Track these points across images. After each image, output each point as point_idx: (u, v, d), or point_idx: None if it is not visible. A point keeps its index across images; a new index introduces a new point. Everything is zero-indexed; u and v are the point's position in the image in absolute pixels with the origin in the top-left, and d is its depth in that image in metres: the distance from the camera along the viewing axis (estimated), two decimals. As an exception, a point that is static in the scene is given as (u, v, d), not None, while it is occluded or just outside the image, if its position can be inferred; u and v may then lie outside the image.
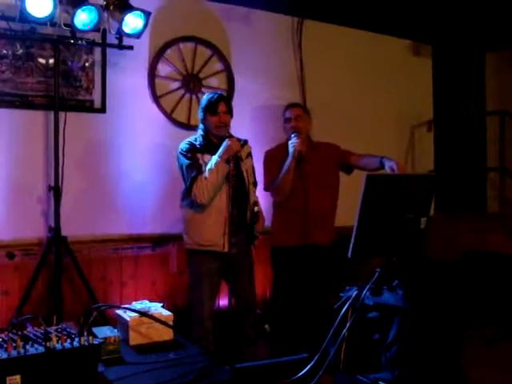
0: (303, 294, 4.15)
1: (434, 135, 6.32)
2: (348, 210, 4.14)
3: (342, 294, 2.54)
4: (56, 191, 4.03)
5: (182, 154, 3.70)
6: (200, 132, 3.78)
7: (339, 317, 2.44)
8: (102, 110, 4.50)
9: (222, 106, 3.72)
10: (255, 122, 5.14)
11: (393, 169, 3.61)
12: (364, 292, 2.44)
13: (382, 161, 3.75)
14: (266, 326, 4.75)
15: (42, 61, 4.28)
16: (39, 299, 4.17)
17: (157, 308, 2.55)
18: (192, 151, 3.69)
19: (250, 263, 3.83)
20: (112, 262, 4.50)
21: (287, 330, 4.14)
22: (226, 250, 3.65)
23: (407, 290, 2.39)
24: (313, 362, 2.32)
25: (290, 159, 3.96)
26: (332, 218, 4.17)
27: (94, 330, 2.34)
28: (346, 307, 2.45)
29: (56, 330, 2.18)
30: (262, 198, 4.59)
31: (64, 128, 4.04)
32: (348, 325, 2.41)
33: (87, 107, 4.46)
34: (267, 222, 4.41)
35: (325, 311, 4.07)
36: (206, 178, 3.56)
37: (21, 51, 4.21)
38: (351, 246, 2.43)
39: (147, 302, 2.61)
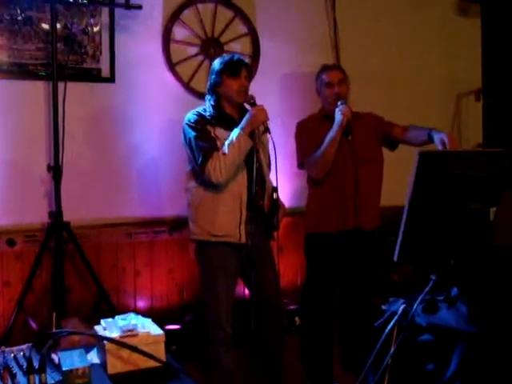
0: (341, 287, 3.49)
1: (483, 105, 5.49)
2: (390, 189, 3.59)
3: (384, 308, 1.86)
4: (56, 171, 3.44)
5: (189, 125, 3.00)
6: (210, 102, 3.08)
7: (381, 339, 1.76)
8: (111, 79, 3.85)
9: (243, 69, 3.06)
10: (283, 91, 4.43)
11: (443, 142, 2.89)
12: (414, 307, 1.75)
13: (431, 133, 3.03)
14: (297, 319, 4.12)
15: (44, 26, 3.66)
16: (43, 290, 3.64)
17: (145, 325, 1.90)
18: (202, 123, 2.99)
19: (270, 255, 3.18)
20: (124, 249, 3.90)
21: (320, 325, 3.49)
22: (243, 240, 2.99)
23: (472, 305, 1.70)
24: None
25: (336, 128, 3.23)
26: (378, 198, 3.47)
27: (61, 354, 1.73)
28: (390, 326, 1.77)
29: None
30: (291, 179, 4.05)
31: (64, 99, 3.44)
32: (393, 350, 1.74)
33: (94, 76, 3.81)
34: (300, 203, 3.83)
35: (368, 308, 3.45)
36: (224, 153, 2.88)
37: (20, 14, 3.59)
38: (398, 244, 1.74)
39: (133, 315, 1.96)
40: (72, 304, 3.66)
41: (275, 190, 3.05)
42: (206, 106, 3.07)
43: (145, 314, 3.83)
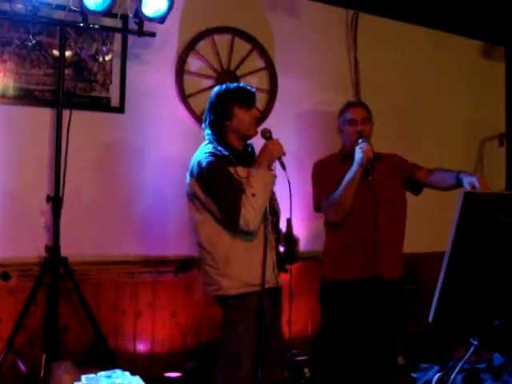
0: (358, 340, 3.18)
1: (506, 150, 5.28)
2: (409, 236, 3.32)
3: (414, 375, 1.57)
4: (55, 202, 3.19)
5: (209, 171, 2.59)
6: (214, 138, 2.71)
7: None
8: (120, 109, 3.64)
9: (254, 98, 2.79)
10: (299, 128, 4.21)
11: (473, 186, 2.66)
12: (452, 376, 1.46)
13: (460, 176, 2.81)
14: (306, 371, 3.79)
15: (54, 52, 3.46)
16: (36, 329, 3.35)
17: (132, 384, 1.62)
18: (223, 165, 2.62)
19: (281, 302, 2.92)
20: (126, 288, 3.62)
21: (334, 379, 3.18)
22: (280, 283, 2.77)
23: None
24: None
25: (355, 168, 3.00)
26: (400, 245, 3.20)
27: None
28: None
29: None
30: (305, 222, 3.87)
31: (68, 127, 3.22)
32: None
33: (103, 105, 3.59)
34: (313, 248, 3.69)
35: (381, 362, 3.15)
36: (253, 194, 2.53)
37: (30, 40, 3.41)
38: (434, 303, 1.46)
39: (119, 372, 1.67)
40: (66, 346, 3.38)
41: (289, 221, 2.77)
42: (214, 145, 2.70)
43: (144, 358, 3.61)
